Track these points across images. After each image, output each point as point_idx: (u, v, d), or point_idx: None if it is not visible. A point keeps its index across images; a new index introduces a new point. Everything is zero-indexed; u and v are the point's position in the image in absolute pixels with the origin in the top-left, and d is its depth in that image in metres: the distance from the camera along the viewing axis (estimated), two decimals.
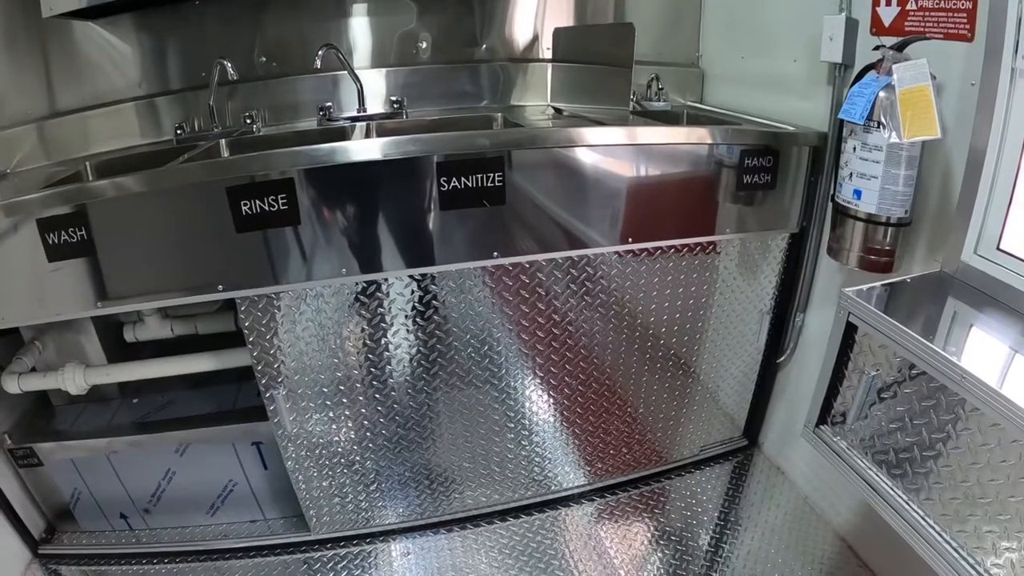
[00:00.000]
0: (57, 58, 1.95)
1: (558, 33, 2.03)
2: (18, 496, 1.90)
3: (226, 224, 1.38)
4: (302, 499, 1.69)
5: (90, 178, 1.85)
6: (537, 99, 2.08)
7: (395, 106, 1.84)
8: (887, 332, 1.17)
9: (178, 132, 1.85)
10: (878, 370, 1.23)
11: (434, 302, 1.53)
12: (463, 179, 1.41)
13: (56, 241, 1.42)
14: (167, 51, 1.94)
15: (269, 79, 1.91)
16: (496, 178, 1.43)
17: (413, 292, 1.51)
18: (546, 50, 2.05)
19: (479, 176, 1.42)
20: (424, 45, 1.98)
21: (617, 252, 1.60)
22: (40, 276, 1.45)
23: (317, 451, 1.64)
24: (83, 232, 1.41)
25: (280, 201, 1.39)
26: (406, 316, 1.53)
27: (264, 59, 1.91)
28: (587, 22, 2.11)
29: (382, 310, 1.52)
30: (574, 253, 1.56)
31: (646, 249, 1.63)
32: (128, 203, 1.39)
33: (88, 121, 1.96)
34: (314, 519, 1.73)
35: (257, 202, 1.38)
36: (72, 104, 1.98)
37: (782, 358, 1.88)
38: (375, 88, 1.91)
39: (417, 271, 1.48)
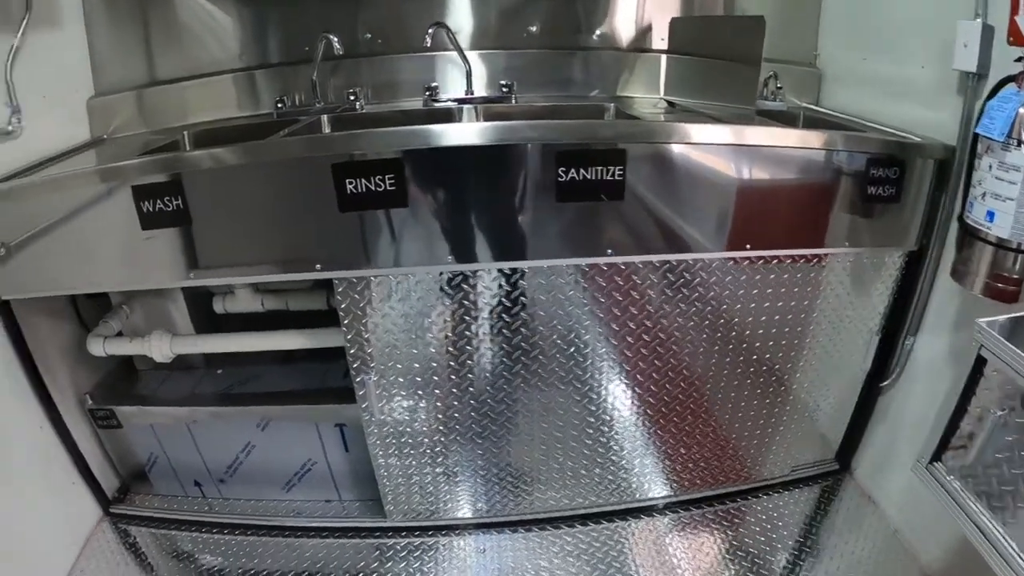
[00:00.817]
0: (158, 27, 1.96)
1: (675, 23, 1.94)
2: (95, 455, 1.92)
3: (328, 202, 1.35)
4: (381, 485, 1.66)
5: (188, 148, 1.85)
6: (648, 91, 2.00)
7: (504, 90, 1.79)
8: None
9: (279, 106, 1.83)
10: (1004, 409, 1.13)
11: (522, 298, 1.48)
12: (583, 170, 1.35)
13: (151, 209, 1.41)
14: (268, 23, 1.93)
15: (373, 56, 1.87)
16: (616, 172, 1.36)
17: (501, 286, 1.46)
18: (660, 40, 1.97)
19: (600, 168, 1.35)
20: (534, 28, 1.91)
21: (721, 258, 1.51)
22: (133, 243, 1.45)
23: (401, 439, 1.61)
24: (179, 202, 1.40)
25: (388, 181, 1.34)
26: (492, 309, 1.48)
27: (369, 35, 1.87)
28: (696, 13, 2.01)
29: (470, 301, 1.47)
30: (674, 257, 1.49)
31: (749, 258, 1.54)
32: (227, 175, 1.38)
33: (186, 91, 1.96)
34: (391, 506, 1.71)
35: (363, 181, 1.34)
36: (171, 73, 1.99)
37: (886, 382, 1.77)
38: (481, 70, 1.86)
39: (512, 264, 1.43)
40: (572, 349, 1.55)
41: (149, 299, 1.79)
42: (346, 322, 1.45)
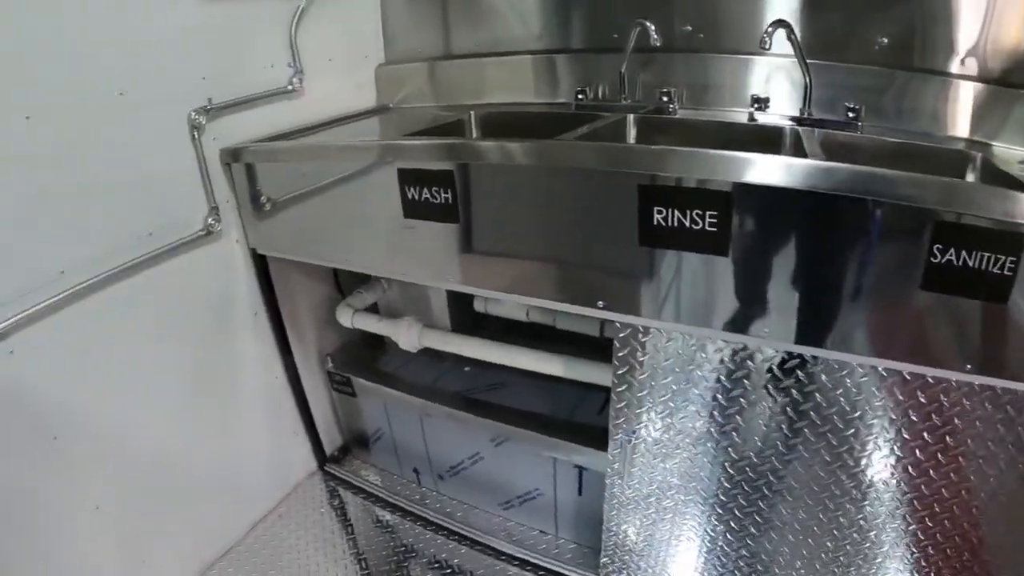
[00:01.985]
0: (452, 4, 1.87)
1: None
2: (323, 412, 1.97)
3: (627, 230, 1.13)
4: (607, 545, 1.47)
5: (472, 131, 1.75)
6: (1016, 142, 1.55)
7: (850, 115, 1.45)
8: None
9: (579, 97, 1.65)
10: None
11: (816, 392, 1.16)
12: (966, 255, 1.00)
13: (415, 197, 1.30)
14: (574, 5, 1.74)
15: (690, 52, 1.62)
16: (1008, 264, 0.99)
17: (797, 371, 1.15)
18: None
19: (987, 256, 0.99)
20: (885, 41, 1.54)
21: None
22: (393, 229, 1.36)
23: (647, 500, 1.40)
24: (448, 195, 1.26)
25: (708, 219, 1.09)
26: (767, 386, 1.18)
27: (689, 28, 1.62)
28: None
29: (749, 375, 1.19)
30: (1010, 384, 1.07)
31: None
32: (505, 173, 1.22)
33: (480, 68, 1.86)
34: (609, 566, 1.53)
35: (677, 213, 1.09)
36: (465, 48, 1.90)
37: None
38: (817, 85, 1.52)
39: (842, 355, 1.10)
40: (851, 462, 1.21)
41: None
42: (620, 372, 1.25)
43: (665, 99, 1.58)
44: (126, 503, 1.45)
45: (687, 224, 1.10)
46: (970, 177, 1.44)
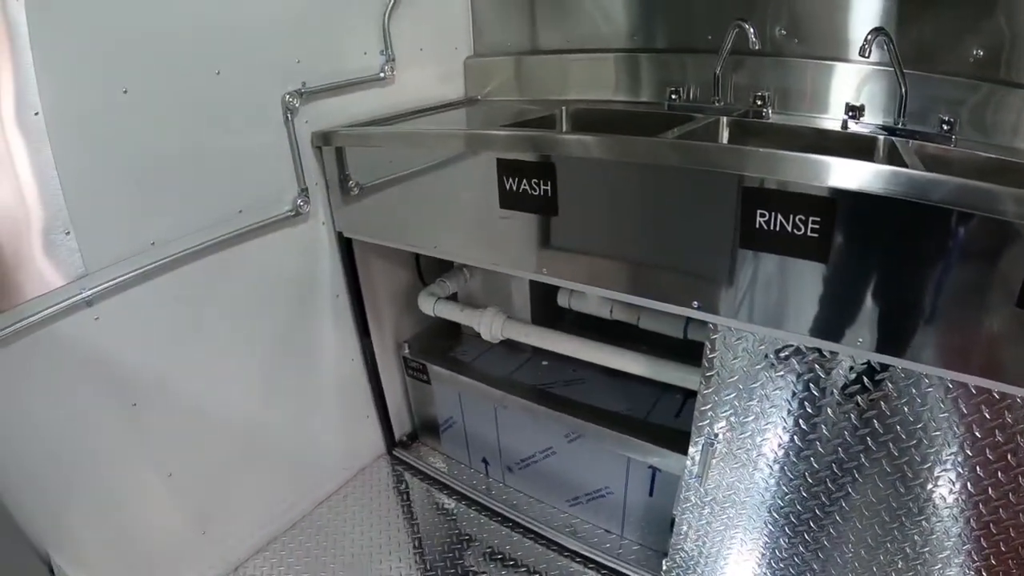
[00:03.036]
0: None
1: None
2: (395, 397, 1.99)
3: (727, 231, 1.12)
4: (674, 549, 1.46)
5: (563, 125, 1.75)
6: None
7: (944, 127, 1.39)
8: None
9: (672, 97, 1.63)
10: None
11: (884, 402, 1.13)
12: None
13: (515, 188, 1.30)
14: (664, 4, 1.72)
15: (783, 56, 1.58)
16: None
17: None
18: None
19: None
20: (980, 53, 1.47)
21: None
22: (487, 219, 1.36)
23: (718, 507, 1.38)
24: (547, 187, 1.26)
25: (811, 225, 1.07)
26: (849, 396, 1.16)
27: (784, 32, 1.58)
28: None
29: (825, 382, 1.17)
30: None
31: None
32: (606, 169, 1.21)
33: (566, 64, 1.86)
34: (673, 570, 1.51)
35: (779, 217, 1.08)
36: (553, 44, 1.90)
37: None
38: (911, 95, 1.47)
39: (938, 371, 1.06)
40: (915, 478, 1.16)
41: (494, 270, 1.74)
42: (710, 374, 1.24)
43: (759, 103, 1.55)
44: (199, 473, 1.50)
45: (789, 229, 1.09)
46: None
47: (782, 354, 1.18)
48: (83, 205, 1.18)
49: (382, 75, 1.70)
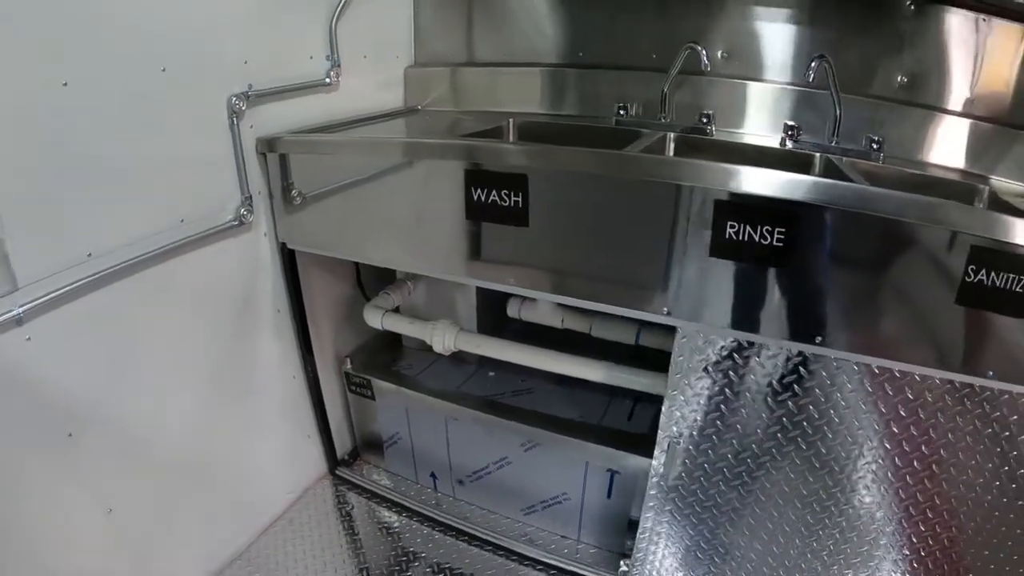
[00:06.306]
0: (482, 8, 1.92)
1: None
2: (337, 414, 1.93)
3: (701, 243, 1.18)
4: (639, 546, 1.50)
5: (511, 137, 1.77)
6: (1012, 175, 1.68)
7: (874, 146, 1.54)
8: None
9: (620, 112, 1.69)
10: None
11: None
12: (996, 276, 1.09)
13: (483, 199, 1.31)
14: (609, 22, 1.80)
15: (724, 78, 1.69)
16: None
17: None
18: None
19: (1013, 278, 1.09)
20: (904, 79, 1.65)
21: None
22: (446, 229, 1.36)
23: (682, 503, 1.44)
24: (518, 199, 1.28)
25: (776, 235, 1.15)
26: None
27: (726, 55, 1.69)
28: None
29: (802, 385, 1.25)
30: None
31: None
32: (578, 181, 1.25)
33: (508, 77, 1.91)
34: (636, 568, 1.55)
35: (747, 228, 1.15)
36: (493, 57, 1.94)
37: None
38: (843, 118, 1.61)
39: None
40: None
41: (438, 281, 1.72)
42: (676, 376, 1.29)
43: (704, 120, 1.64)
44: (139, 506, 1.37)
45: (757, 239, 1.15)
46: (978, 205, 1.56)
47: (753, 355, 1.25)
48: (16, 210, 1.05)
49: (327, 80, 1.66)
